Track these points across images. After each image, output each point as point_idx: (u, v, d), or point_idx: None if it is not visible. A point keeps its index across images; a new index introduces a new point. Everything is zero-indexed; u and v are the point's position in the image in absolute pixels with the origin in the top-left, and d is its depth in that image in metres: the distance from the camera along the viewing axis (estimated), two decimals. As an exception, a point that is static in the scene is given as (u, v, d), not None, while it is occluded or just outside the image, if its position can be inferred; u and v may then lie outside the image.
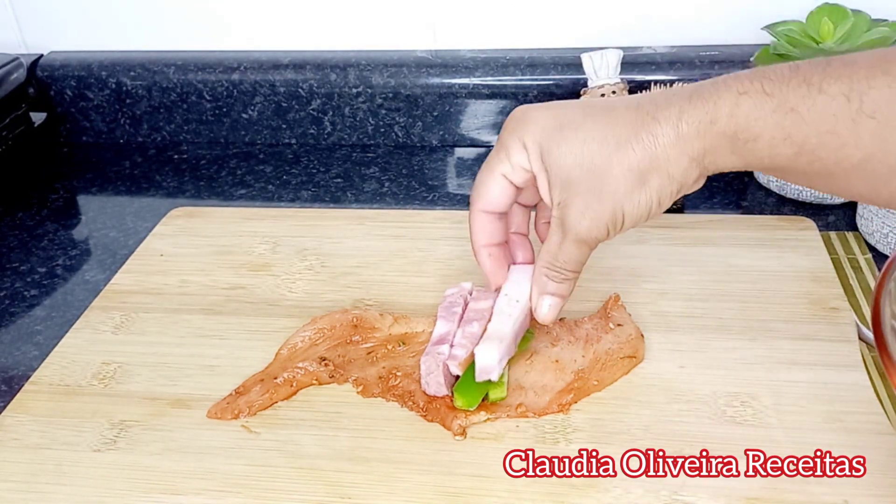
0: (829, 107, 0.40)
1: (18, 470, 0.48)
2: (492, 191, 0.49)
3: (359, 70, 0.80)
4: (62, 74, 0.84)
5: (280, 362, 0.53)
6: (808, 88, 0.41)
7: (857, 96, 0.39)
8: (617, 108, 0.46)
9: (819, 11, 0.68)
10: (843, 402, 0.48)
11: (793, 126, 0.41)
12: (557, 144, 0.47)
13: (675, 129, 0.44)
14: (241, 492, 0.46)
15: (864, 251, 0.62)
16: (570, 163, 0.46)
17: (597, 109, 0.47)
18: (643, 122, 0.45)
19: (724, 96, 0.43)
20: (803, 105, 0.41)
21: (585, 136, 0.46)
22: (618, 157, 0.45)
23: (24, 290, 0.66)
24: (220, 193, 0.77)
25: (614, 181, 0.45)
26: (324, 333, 0.54)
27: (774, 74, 0.42)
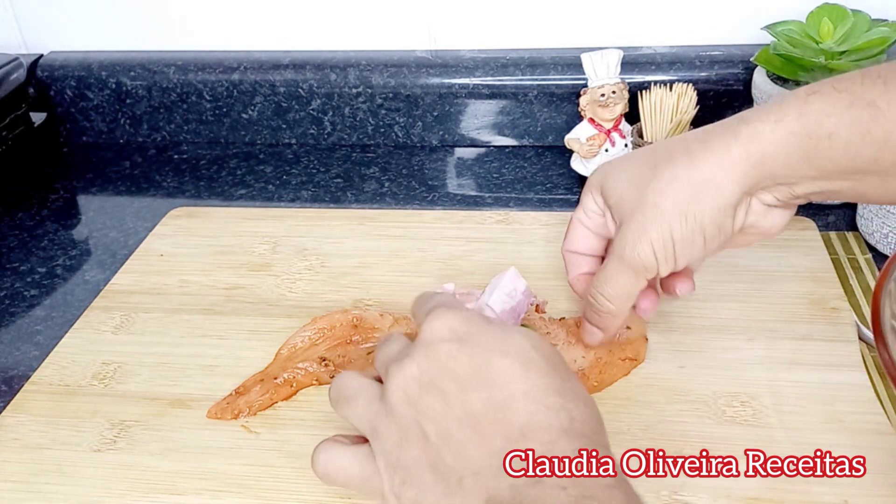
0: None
1: (18, 470, 0.48)
2: (574, 236, 0.51)
3: (359, 70, 0.80)
4: (62, 74, 0.84)
5: (280, 362, 0.53)
6: (884, 85, 0.39)
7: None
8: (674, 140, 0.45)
9: (819, 11, 0.68)
10: (844, 402, 0.48)
11: (872, 121, 0.39)
12: (611, 175, 0.47)
13: (734, 135, 0.41)
14: (241, 492, 0.46)
15: (864, 251, 0.62)
16: (620, 188, 0.46)
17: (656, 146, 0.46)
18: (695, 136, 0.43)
19: (789, 99, 0.41)
20: (882, 100, 0.39)
21: (640, 160, 0.45)
22: (668, 172, 0.43)
23: (24, 290, 0.66)
24: (220, 193, 0.77)
25: (662, 196, 0.43)
26: (324, 333, 0.54)
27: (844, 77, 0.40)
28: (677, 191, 0.43)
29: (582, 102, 0.71)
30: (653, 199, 0.44)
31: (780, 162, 0.41)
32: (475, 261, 0.62)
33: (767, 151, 0.41)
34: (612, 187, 0.47)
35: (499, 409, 0.36)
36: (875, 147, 0.39)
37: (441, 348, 0.38)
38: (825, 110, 0.40)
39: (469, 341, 0.38)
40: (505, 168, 0.78)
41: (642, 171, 0.45)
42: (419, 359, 0.39)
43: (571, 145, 0.72)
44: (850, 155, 0.40)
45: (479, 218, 0.67)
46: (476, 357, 0.38)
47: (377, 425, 0.39)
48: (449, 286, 0.54)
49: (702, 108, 0.69)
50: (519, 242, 0.64)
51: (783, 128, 0.40)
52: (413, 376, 0.38)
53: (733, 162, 0.42)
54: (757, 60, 0.69)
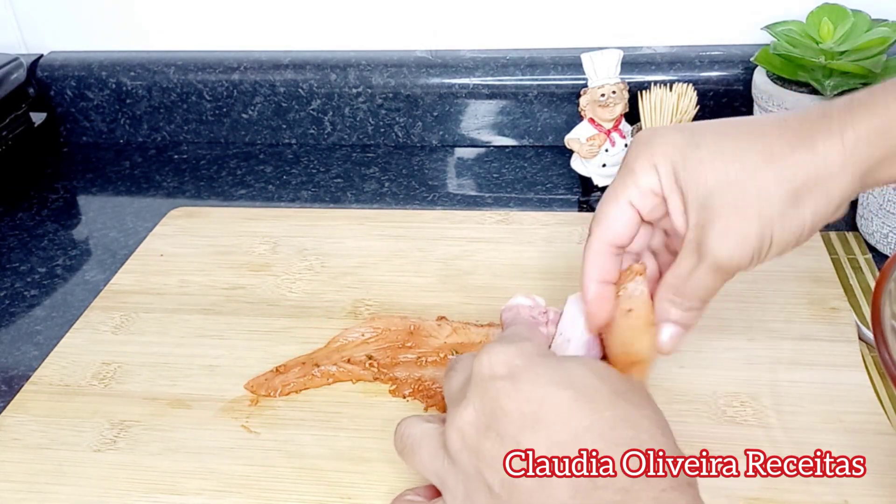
0: None
1: (18, 470, 0.48)
2: (618, 221, 0.43)
3: (359, 70, 0.80)
4: (62, 74, 0.84)
5: (327, 351, 0.54)
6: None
7: None
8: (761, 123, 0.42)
9: (819, 11, 0.68)
10: (844, 402, 0.48)
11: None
12: (695, 162, 0.41)
13: (840, 141, 0.39)
14: (241, 492, 0.46)
15: (864, 251, 0.62)
16: (710, 180, 0.40)
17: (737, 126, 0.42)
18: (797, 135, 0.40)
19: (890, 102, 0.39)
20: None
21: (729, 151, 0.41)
22: (770, 172, 0.40)
23: (25, 290, 0.66)
24: (220, 193, 0.77)
25: (765, 199, 0.39)
26: (378, 333, 0.54)
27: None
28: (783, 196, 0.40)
29: (582, 102, 0.71)
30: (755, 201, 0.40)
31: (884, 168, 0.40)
32: (475, 261, 0.62)
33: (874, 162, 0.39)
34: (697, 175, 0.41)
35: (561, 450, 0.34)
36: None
37: (494, 387, 0.36)
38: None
39: (523, 376, 0.36)
40: (505, 168, 0.78)
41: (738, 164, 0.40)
42: (474, 400, 0.36)
43: (571, 145, 0.72)
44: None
45: (479, 218, 0.67)
46: (533, 393, 0.35)
47: (445, 478, 0.37)
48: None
49: (702, 108, 0.69)
50: (519, 242, 0.64)
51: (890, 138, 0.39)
52: (469, 421, 0.36)
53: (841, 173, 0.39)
54: (757, 60, 0.69)
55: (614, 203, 0.44)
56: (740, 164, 0.40)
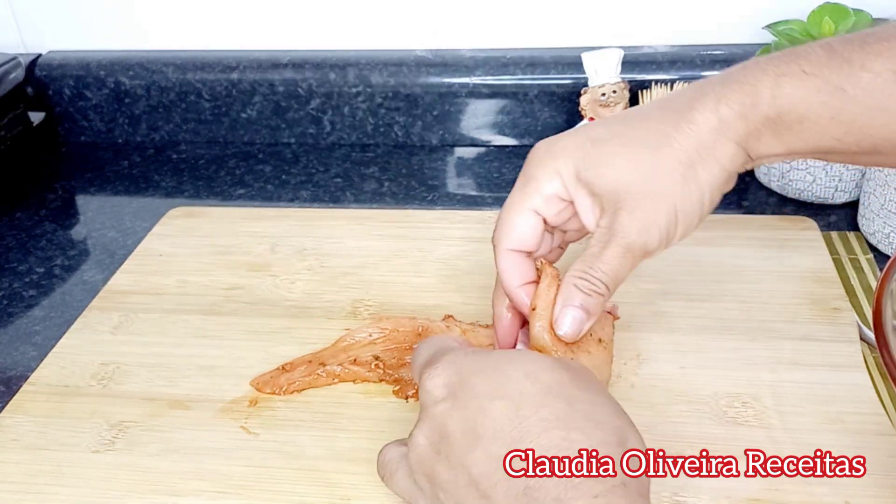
0: (876, 83, 0.39)
1: (17, 470, 0.48)
2: (522, 229, 0.46)
3: (358, 70, 0.80)
4: (60, 74, 0.84)
5: (334, 350, 0.54)
6: (850, 67, 0.40)
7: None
8: (647, 112, 0.45)
9: (820, 10, 0.68)
10: (845, 402, 0.48)
11: (841, 105, 0.40)
12: (598, 158, 0.44)
13: (716, 115, 0.42)
14: (240, 493, 0.46)
15: (865, 251, 0.62)
16: (615, 172, 0.43)
17: (626, 118, 0.45)
18: (681, 115, 0.43)
19: (762, 79, 0.42)
20: (849, 83, 0.40)
21: (625, 142, 0.44)
22: (664, 153, 0.43)
23: (23, 290, 0.65)
24: (220, 193, 0.77)
25: (665, 178, 0.42)
26: (385, 334, 0.54)
27: (810, 55, 0.41)
28: (677, 172, 0.42)
29: (582, 102, 0.71)
30: (655, 182, 0.43)
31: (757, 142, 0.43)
32: (475, 261, 0.62)
33: (747, 132, 0.42)
34: (601, 172, 0.44)
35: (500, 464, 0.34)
36: (842, 129, 0.41)
37: (436, 411, 0.37)
38: (797, 95, 0.41)
39: (461, 393, 0.37)
40: (505, 168, 0.78)
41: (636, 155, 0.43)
42: (423, 426, 0.38)
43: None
44: (818, 136, 0.42)
45: (479, 218, 0.67)
46: (469, 410, 0.36)
47: (416, 498, 0.39)
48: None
49: (702, 108, 0.69)
50: (519, 242, 0.64)
51: (759, 112, 0.42)
52: (422, 445, 0.37)
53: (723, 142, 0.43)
54: (757, 60, 0.69)
55: (517, 212, 0.46)
56: (639, 157, 0.43)
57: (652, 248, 0.43)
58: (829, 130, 0.41)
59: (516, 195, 0.46)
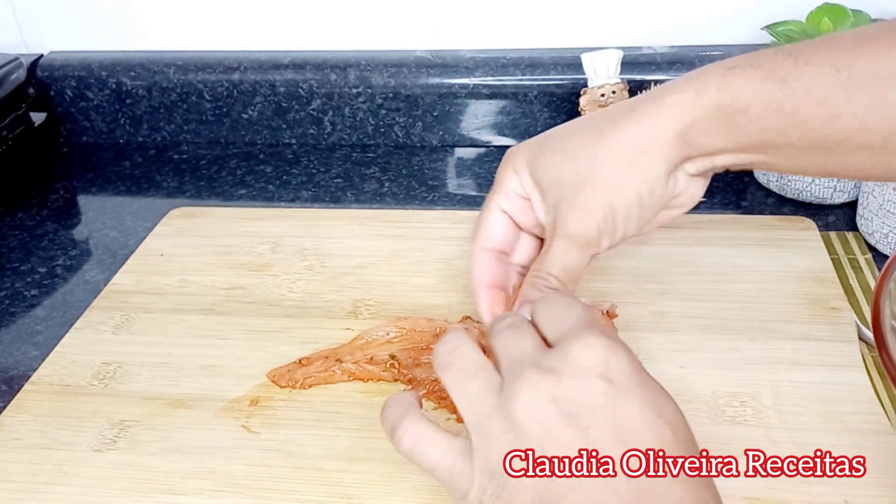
0: (818, 77, 0.40)
1: (18, 470, 0.48)
2: (492, 226, 0.48)
3: (359, 70, 0.80)
4: (62, 74, 0.84)
5: (351, 347, 0.54)
6: (794, 60, 0.41)
7: (846, 67, 0.39)
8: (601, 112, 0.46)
9: (819, 11, 0.68)
10: (844, 402, 0.48)
11: (783, 96, 0.41)
12: (543, 154, 0.46)
13: (659, 104, 0.43)
14: (241, 492, 0.46)
15: (864, 251, 0.62)
16: (556, 165, 0.45)
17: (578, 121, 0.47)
18: (627, 107, 0.45)
19: (709, 72, 0.43)
20: (792, 75, 0.41)
21: (569, 136, 0.46)
22: (602, 144, 0.44)
23: (25, 290, 0.66)
24: (221, 193, 0.77)
25: (600, 168, 0.44)
26: (403, 334, 0.54)
27: (760, 53, 0.43)
28: (614, 162, 0.44)
29: (582, 102, 0.71)
30: (591, 172, 0.44)
31: (700, 132, 0.43)
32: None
33: (689, 122, 0.43)
34: (545, 166, 0.46)
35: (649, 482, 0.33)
36: (784, 120, 0.41)
37: (596, 384, 0.34)
38: (741, 85, 0.42)
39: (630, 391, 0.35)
40: (505, 168, 0.78)
41: (575, 147, 0.45)
42: (566, 381, 0.34)
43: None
44: (763, 128, 0.42)
45: (480, 218, 0.67)
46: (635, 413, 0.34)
47: (488, 423, 0.35)
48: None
49: (702, 108, 0.69)
50: (519, 242, 0.64)
51: (703, 100, 0.42)
52: (554, 397, 0.34)
53: (662, 131, 0.43)
54: (757, 60, 0.69)
55: (486, 211, 0.49)
56: (578, 149, 0.45)
57: (593, 238, 0.44)
58: (772, 123, 0.41)
59: (489, 196, 0.49)
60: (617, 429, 0.34)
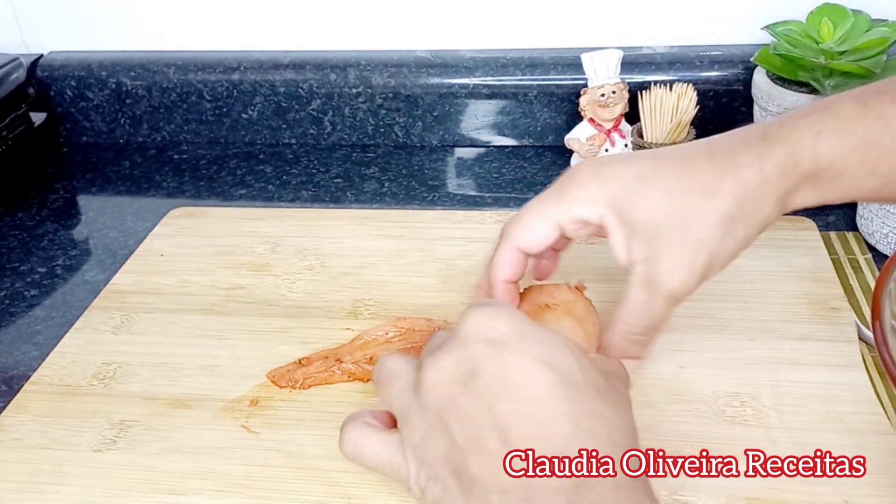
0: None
1: (18, 470, 0.48)
2: (536, 231, 0.46)
3: (359, 70, 0.80)
4: (62, 74, 0.84)
5: (351, 347, 0.54)
6: (885, 123, 0.41)
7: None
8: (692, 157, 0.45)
9: (819, 11, 0.68)
10: (844, 402, 0.48)
11: (876, 160, 0.42)
12: (640, 199, 0.44)
13: (760, 173, 0.43)
14: (241, 492, 0.46)
15: (864, 251, 0.62)
16: (655, 216, 0.43)
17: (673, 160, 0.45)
18: (725, 168, 0.43)
19: (802, 138, 0.42)
20: (884, 138, 0.41)
21: (670, 189, 0.44)
22: (707, 205, 0.43)
23: (24, 290, 0.66)
24: (221, 193, 0.77)
25: (707, 230, 0.43)
26: (401, 333, 0.55)
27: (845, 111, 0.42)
28: (718, 224, 0.43)
29: (582, 102, 0.71)
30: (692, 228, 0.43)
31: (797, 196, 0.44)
32: (475, 261, 0.62)
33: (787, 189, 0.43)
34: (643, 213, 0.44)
35: (535, 426, 0.35)
36: (879, 181, 0.42)
37: (478, 348, 0.37)
38: (834, 153, 0.42)
39: (510, 346, 0.37)
40: (505, 168, 0.78)
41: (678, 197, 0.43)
42: (455, 353, 0.38)
43: (571, 145, 0.72)
44: (855, 188, 0.43)
45: (479, 218, 0.67)
46: (518, 364, 0.37)
47: (408, 414, 0.39)
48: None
49: (702, 108, 0.69)
50: (519, 242, 0.64)
51: (799, 171, 0.43)
52: (446, 370, 0.37)
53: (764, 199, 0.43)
54: (757, 60, 0.69)
55: (541, 219, 0.46)
56: (682, 201, 0.43)
57: (684, 293, 0.44)
58: (866, 183, 0.42)
59: (547, 202, 0.46)
60: (503, 384, 0.36)
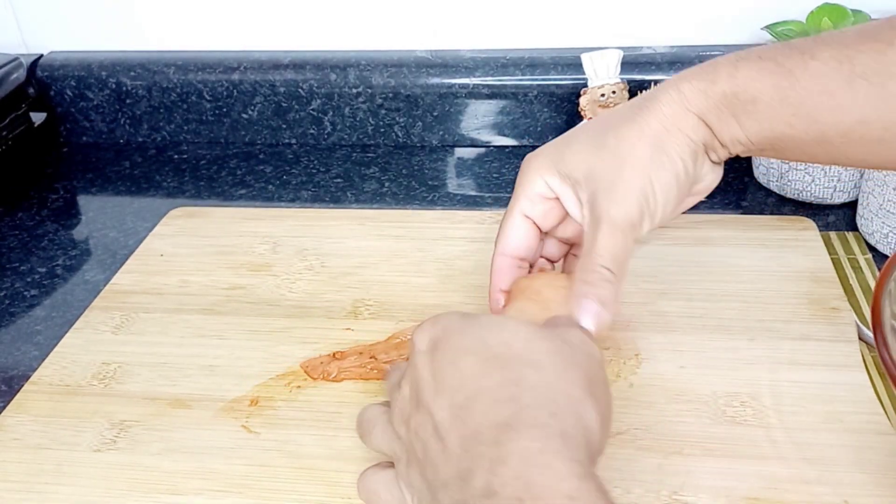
0: (822, 69, 0.42)
1: (18, 470, 0.48)
2: (514, 233, 0.49)
3: (359, 70, 0.80)
4: (62, 74, 0.84)
5: (386, 345, 0.54)
6: (801, 54, 0.43)
7: (849, 60, 0.42)
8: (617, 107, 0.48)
9: (819, 11, 0.68)
10: (844, 402, 0.48)
11: (789, 87, 0.43)
12: (570, 151, 0.47)
13: (677, 91, 0.45)
14: (241, 492, 0.46)
15: (864, 251, 0.62)
16: (586, 158, 0.46)
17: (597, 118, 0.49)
18: (645, 100, 0.46)
19: (721, 63, 0.45)
20: (798, 68, 0.43)
21: (593, 131, 0.47)
22: (629, 131, 0.45)
23: (24, 290, 0.66)
24: (221, 193, 0.77)
25: (633, 153, 0.45)
26: None
27: (768, 46, 0.45)
28: (647, 143, 0.45)
29: (582, 102, 0.71)
30: (626, 156, 0.45)
31: (715, 119, 0.45)
32: (475, 261, 0.62)
33: (705, 108, 0.45)
34: (575, 161, 0.46)
35: (459, 413, 0.36)
36: (791, 111, 0.43)
37: (417, 360, 0.39)
38: (751, 76, 0.44)
39: (441, 346, 0.38)
40: (505, 168, 0.78)
41: (605, 137, 0.46)
42: (407, 376, 0.40)
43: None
44: (770, 118, 0.44)
45: (479, 218, 0.67)
46: (443, 361, 0.38)
47: (393, 450, 0.40)
48: None
49: (702, 108, 0.69)
50: (519, 242, 0.64)
51: (716, 89, 0.45)
52: (405, 396, 0.39)
53: (685, 113, 0.45)
54: (757, 60, 0.69)
55: (509, 217, 0.49)
56: (608, 138, 0.46)
57: (636, 220, 0.45)
58: (780, 113, 0.43)
59: (510, 203, 0.49)
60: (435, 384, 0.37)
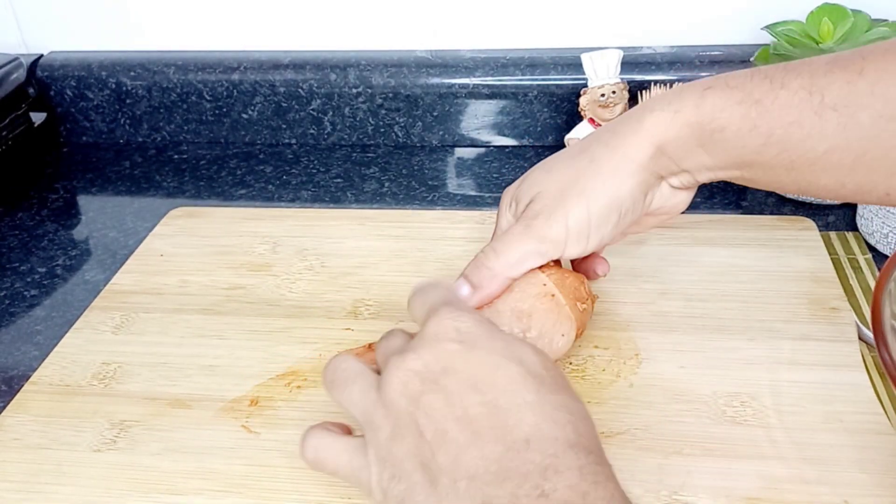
0: (792, 99, 0.42)
1: (18, 470, 0.48)
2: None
3: (359, 70, 0.80)
4: (62, 74, 0.85)
5: None
6: (770, 83, 0.43)
7: (819, 91, 0.41)
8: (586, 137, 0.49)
9: (819, 11, 0.68)
10: (843, 402, 0.48)
11: (758, 117, 0.43)
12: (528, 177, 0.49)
13: (639, 122, 0.45)
14: (241, 492, 0.46)
15: (864, 251, 0.62)
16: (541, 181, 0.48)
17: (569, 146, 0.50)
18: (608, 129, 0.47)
19: (687, 92, 0.45)
20: (768, 98, 0.42)
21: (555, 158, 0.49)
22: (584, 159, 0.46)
23: (24, 290, 0.66)
24: (220, 193, 0.77)
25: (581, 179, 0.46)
26: None
27: (736, 74, 0.44)
28: (594, 174, 0.46)
29: (582, 102, 0.71)
30: (572, 180, 0.46)
31: (678, 149, 0.45)
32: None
33: (666, 139, 0.45)
34: (530, 184, 0.48)
35: (503, 415, 0.36)
36: (759, 140, 0.43)
37: (447, 347, 0.38)
38: (719, 105, 0.44)
39: (478, 343, 0.39)
40: (505, 168, 0.78)
41: (562, 165, 0.48)
42: (423, 354, 0.39)
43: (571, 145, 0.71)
44: (739, 147, 0.44)
45: (479, 218, 0.67)
46: (484, 360, 0.38)
47: (372, 416, 0.39)
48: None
49: (702, 108, 0.69)
50: (519, 242, 0.64)
51: (680, 119, 0.44)
52: (415, 370, 0.38)
53: (641, 147, 0.45)
54: (757, 60, 0.69)
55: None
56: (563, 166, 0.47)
57: (558, 237, 0.46)
58: (748, 142, 0.43)
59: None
60: (473, 379, 0.37)
